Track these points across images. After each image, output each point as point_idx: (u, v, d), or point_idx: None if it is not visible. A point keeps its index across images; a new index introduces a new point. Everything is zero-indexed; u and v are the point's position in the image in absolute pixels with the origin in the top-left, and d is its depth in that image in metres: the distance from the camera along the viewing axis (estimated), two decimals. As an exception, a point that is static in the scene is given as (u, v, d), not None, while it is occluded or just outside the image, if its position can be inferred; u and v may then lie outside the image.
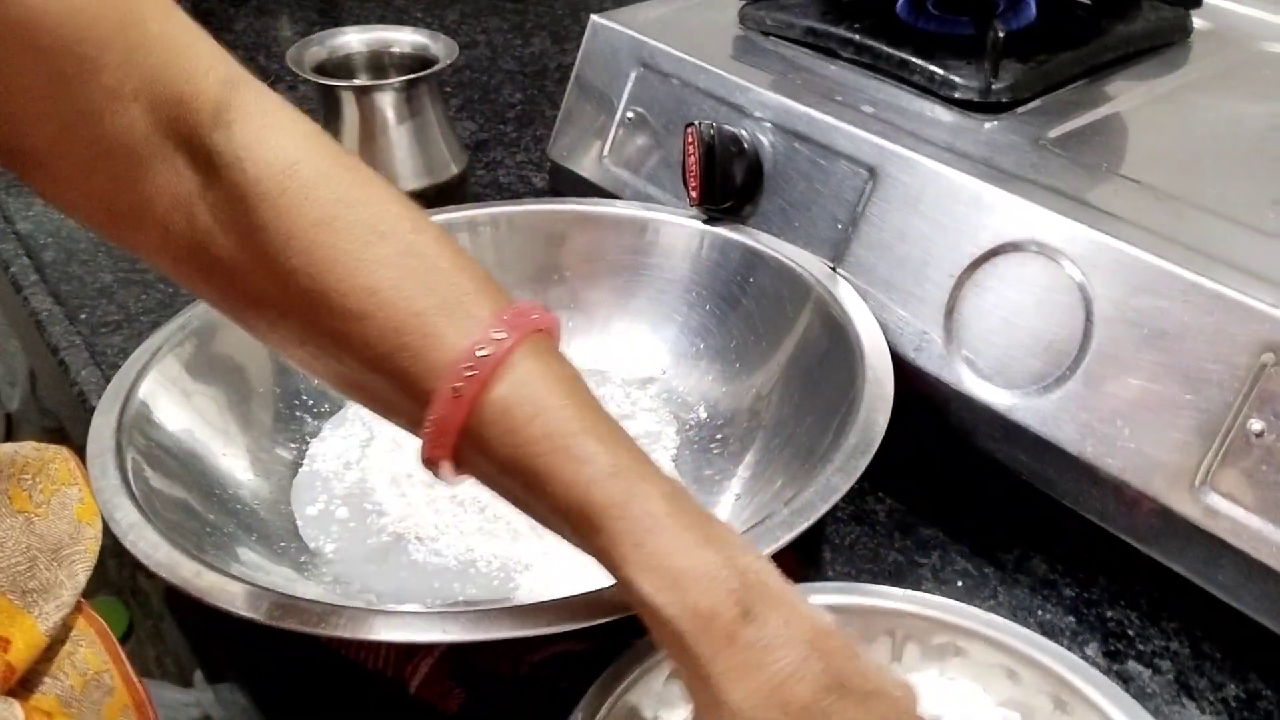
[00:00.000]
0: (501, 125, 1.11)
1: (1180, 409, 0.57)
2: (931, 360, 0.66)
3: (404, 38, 0.89)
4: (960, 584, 0.64)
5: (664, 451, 0.68)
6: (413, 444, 0.68)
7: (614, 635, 0.57)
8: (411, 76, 0.85)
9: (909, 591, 0.55)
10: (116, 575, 1.47)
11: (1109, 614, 0.63)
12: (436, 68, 0.86)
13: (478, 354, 0.44)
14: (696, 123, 0.74)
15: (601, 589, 0.50)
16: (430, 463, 0.48)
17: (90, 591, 0.55)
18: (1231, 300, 0.56)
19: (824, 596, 0.53)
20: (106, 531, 0.55)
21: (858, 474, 0.55)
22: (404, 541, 0.64)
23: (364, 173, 0.49)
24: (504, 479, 0.47)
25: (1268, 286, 0.56)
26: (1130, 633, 0.62)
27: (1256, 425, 0.55)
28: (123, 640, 1.39)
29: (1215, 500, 0.56)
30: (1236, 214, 0.63)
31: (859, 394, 0.60)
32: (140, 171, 0.45)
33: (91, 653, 0.51)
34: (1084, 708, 0.50)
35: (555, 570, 0.61)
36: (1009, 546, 0.66)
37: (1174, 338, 0.58)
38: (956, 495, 0.69)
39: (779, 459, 0.64)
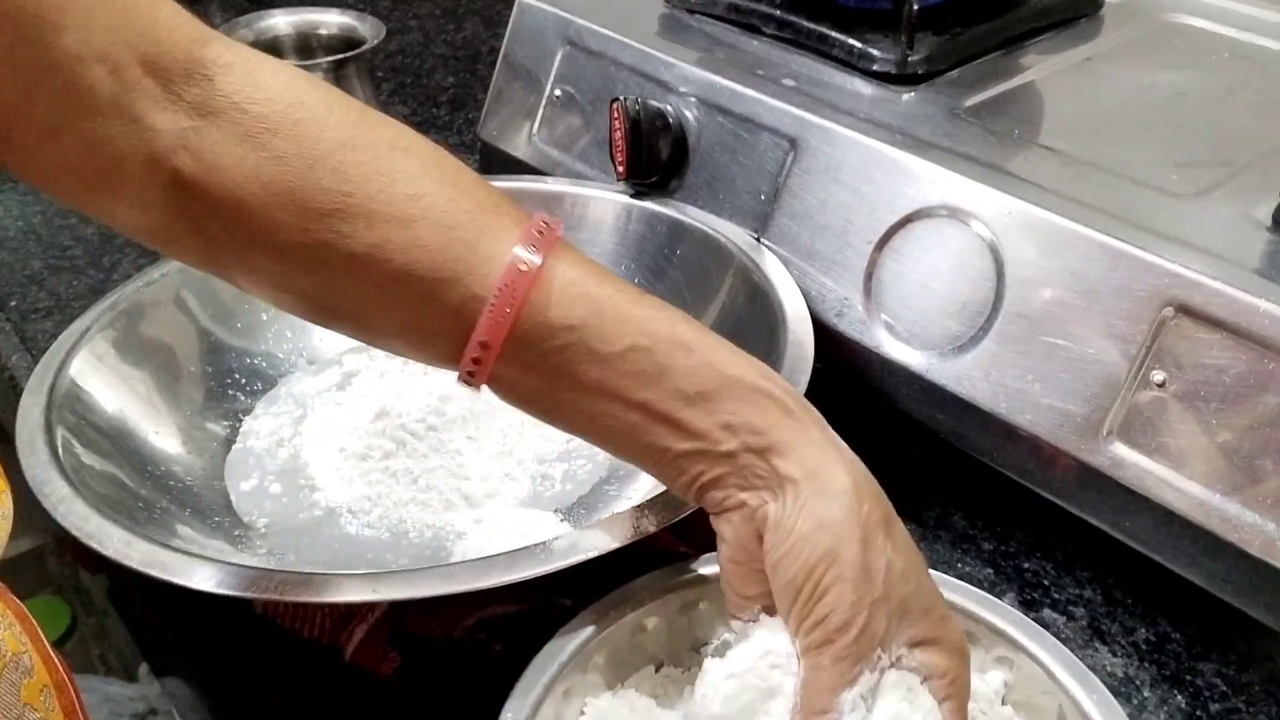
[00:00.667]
0: (434, 109, 1.11)
1: (1088, 364, 0.59)
2: (852, 325, 0.68)
3: (331, 19, 0.89)
4: (884, 541, 0.66)
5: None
6: (347, 418, 0.69)
7: (544, 595, 0.58)
8: (339, 57, 0.85)
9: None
10: (58, 573, 1.47)
11: (1025, 565, 0.65)
12: (364, 48, 0.86)
13: (537, 232, 0.47)
14: (622, 98, 0.76)
15: (531, 545, 0.51)
16: (478, 356, 0.47)
17: (31, 590, 0.55)
18: (1134, 257, 0.58)
19: None
20: (47, 529, 0.55)
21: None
22: (336, 515, 0.65)
23: (359, 103, 0.50)
24: (551, 359, 0.48)
25: (1168, 244, 0.58)
26: (1045, 582, 0.64)
27: (1158, 376, 0.57)
28: (65, 637, 1.38)
29: (1122, 450, 0.58)
30: (1142, 177, 0.65)
31: (780, 357, 0.62)
32: (109, 133, 0.45)
33: (9, 635, 0.51)
34: (990, 636, 0.52)
35: (488, 538, 0.62)
36: (929, 504, 0.68)
37: (1081, 295, 0.60)
38: (878, 457, 0.70)
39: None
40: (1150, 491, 0.57)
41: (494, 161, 0.90)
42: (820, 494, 0.46)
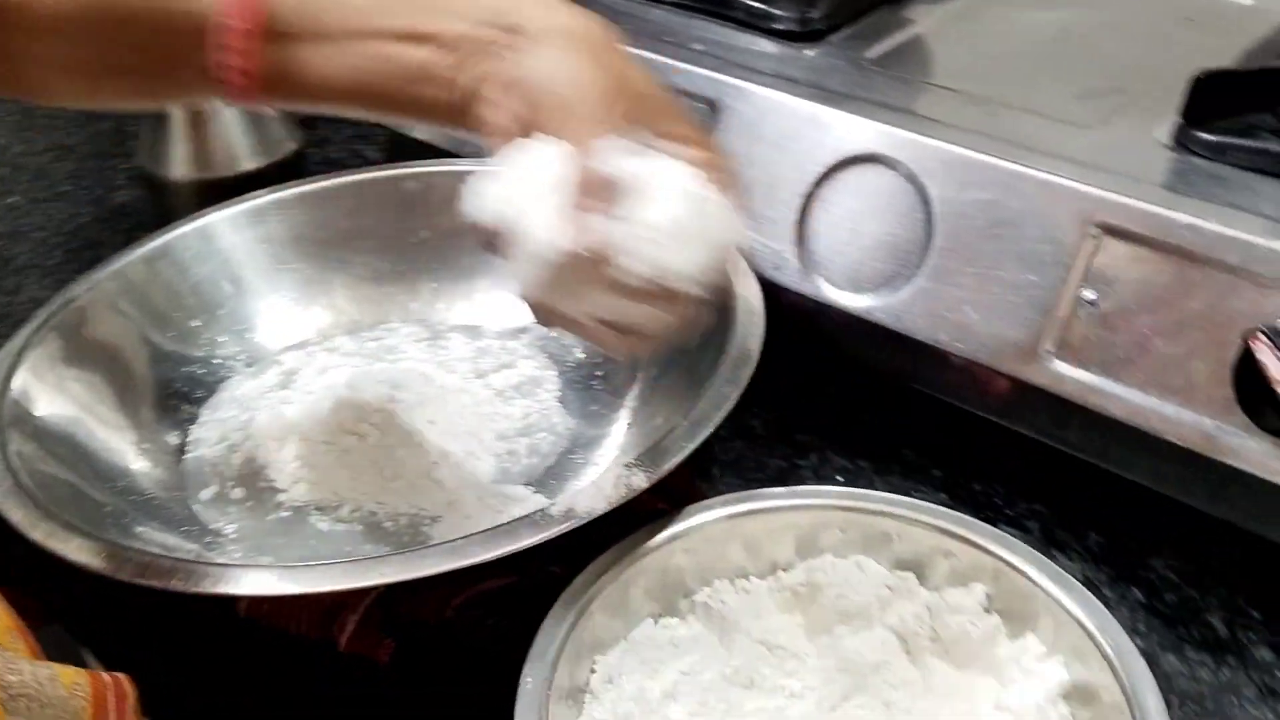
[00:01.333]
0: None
1: (1020, 289, 0.63)
2: (790, 277, 0.70)
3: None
4: (839, 479, 0.69)
5: (548, 394, 0.70)
6: (299, 416, 0.69)
7: (534, 567, 0.59)
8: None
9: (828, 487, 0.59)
10: None
11: (976, 487, 0.68)
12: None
13: None
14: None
15: (517, 519, 0.52)
16: (239, 77, 0.52)
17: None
18: (1055, 185, 0.62)
19: (758, 502, 0.57)
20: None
21: (744, 382, 0.59)
22: (305, 513, 0.64)
23: None
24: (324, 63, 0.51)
25: (1084, 169, 0.62)
26: (998, 501, 0.67)
27: (1089, 294, 0.61)
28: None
29: (1061, 367, 0.62)
30: (1046, 110, 0.69)
31: (732, 312, 0.64)
32: None
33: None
34: (968, 550, 0.55)
35: (465, 517, 0.62)
36: (879, 440, 0.71)
37: (1007, 225, 0.63)
38: (826, 401, 0.73)
39: (661, 385, 0.67)
40: (1091, 403, 0.61)
41: (403, 149, 0.89)
42: (563, 33, 0.50)
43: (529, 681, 0.49)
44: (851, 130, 0.68)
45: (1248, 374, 0.55)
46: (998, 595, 0.55)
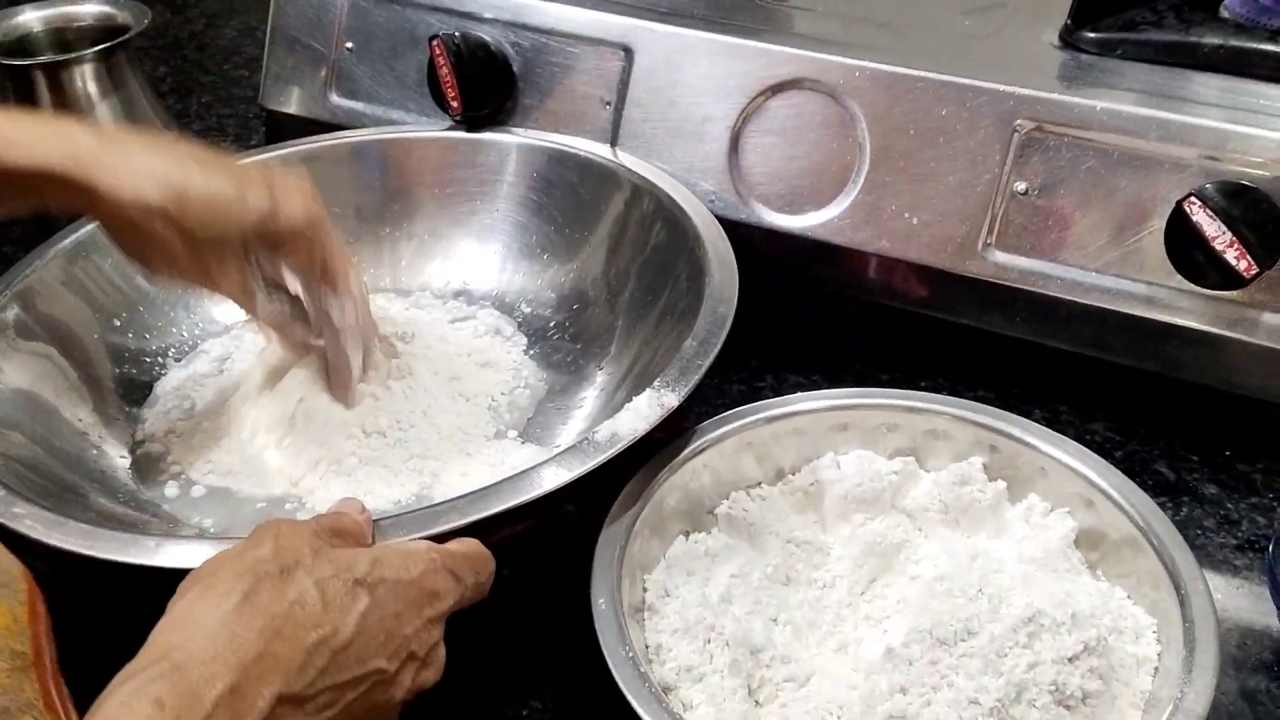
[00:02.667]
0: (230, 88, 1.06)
1: (955, 190, 0.67)
2: (729, 209, 0.72)
3: (87, 10, 0.83)
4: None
5: (515, 347, 0.71)
6: (261, 408, 0.66)
7: (552, 508, 0.59)
8: (102, 47, 0.79)
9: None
10: None
11: (923, 384, 0.73)
12: (128, 35, 0.80)
13: None
14: (440, 35, 0.76)
15: (563, 450, 0.53)
16: None
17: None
18: (978, 88, 0.66)
19: (761, 413, 0.60)
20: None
21: (734, 300, 0.61)
22: (281, 505, 0.62)
23: None
24: None
25: (998, 72, 0.67)
26: (944, 394, 0.72)
27: (1021, 186, 0.66)
28: None
29: (1002, 257, 0.67)
30: (944, 28, 0.74)
31: (697, 240, 0.65)
32: None
33: None
34: (965, 426, 0.59)
35: (462, 474, 0.62)
36: (829, 354, 0.74)
37: (936, 131, 0.67)
38: (776, 323, 0.76)
39: (627, 321, 0.69)
40: (1034, 286, 0.66)
41: (285, 128, 0.87)
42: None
43: (601, 603, 0.50)
44: (773, 60, 0.71)
45: (1178, 237, 0.61)
46: (994, 464, 0.59)
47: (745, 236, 0.71)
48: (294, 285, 0.61)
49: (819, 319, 0.75)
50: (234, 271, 0.59)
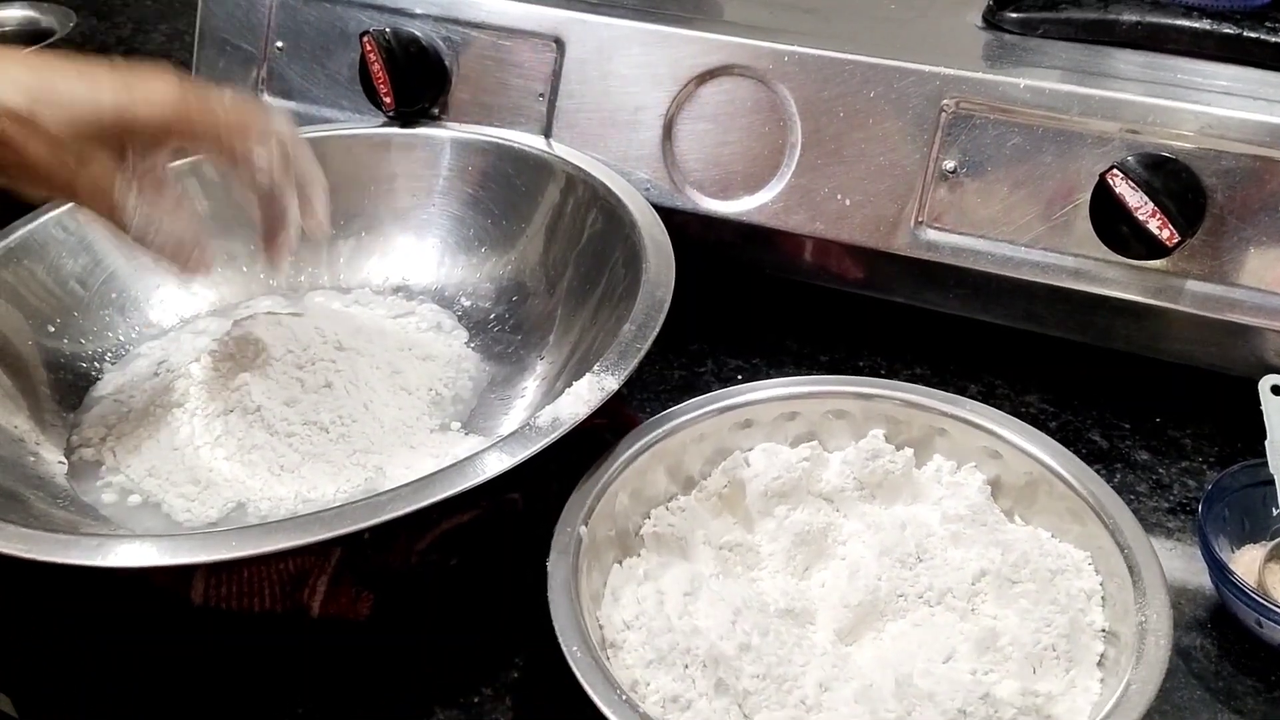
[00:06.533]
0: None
1: (886, 170, 0.68)
2: (664, 196, 0.73)
3: (11, 14, 0.82)
4: (739, 378, 0.73)
5: (457, 340, 0.71)
6: (202, 415, 0.65)
7: (494, 496, 0.60)
8: (26, 51, 0.78)
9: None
10: None
11: (861, 364, 0.74)
12: (52, 39, 0.80)
13: None
14: (371, 32, 0.76)
15: (505, 437, 0.53)
16: None
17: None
18: (905, 69, 0.67)
19: (669, 423, 0.59)
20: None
21: (671, 283, 0.62)
22: (244, 508, 0.62)
23: None
24: None
25: (924, 53, 0.68)
26: (881, 372, 0.73)
27: (949, 164, 0.67)
28: None
29: (933, 235, 0.68)
30: (870, 12, 0.75)
31: (633, 227, 0.66)
32: None
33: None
34: (918, 412, 0.60)
35: (403, 468, 0.62)
36: (765, 336, 0.75)
37: (865, 113, 0.68)
38: (713, 308, 0.76)
39: (566, 309, 0.69)
40: (966, 263, 0.67)
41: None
42: None
43: (575, 650, 0.48)
44: (705, 48, 0.71)
45: (1103, 210, 0.62)
46: (893, 434, 0.60)
47: (681, 223, 0.72)
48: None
49: (757, 303, 0.76)
50: (98, 175, 0.56)
